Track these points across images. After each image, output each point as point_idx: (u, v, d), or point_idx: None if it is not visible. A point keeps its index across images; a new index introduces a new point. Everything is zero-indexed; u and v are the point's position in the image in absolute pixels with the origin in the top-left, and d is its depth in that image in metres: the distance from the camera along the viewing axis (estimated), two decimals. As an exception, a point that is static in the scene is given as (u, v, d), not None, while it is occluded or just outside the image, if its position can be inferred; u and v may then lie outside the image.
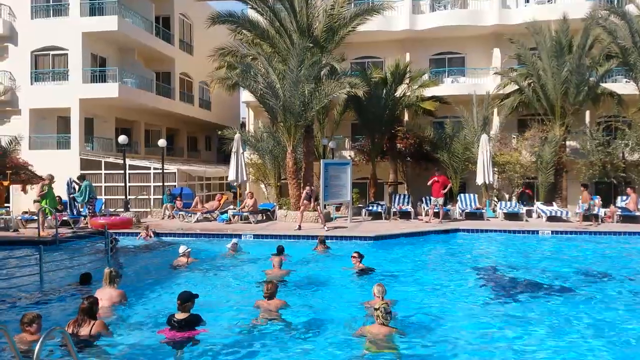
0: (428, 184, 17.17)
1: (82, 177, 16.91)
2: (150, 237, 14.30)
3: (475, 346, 6.05)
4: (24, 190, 19.49)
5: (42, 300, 8.17)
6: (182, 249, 10.52)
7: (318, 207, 16.20)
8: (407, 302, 7.73)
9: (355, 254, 9.80)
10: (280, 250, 10.73)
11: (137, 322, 6.82)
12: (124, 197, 20.08)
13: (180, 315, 5.87)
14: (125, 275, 9.80)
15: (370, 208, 18.99)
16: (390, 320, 5.66)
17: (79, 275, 8.60)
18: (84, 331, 5.67)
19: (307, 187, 16.42)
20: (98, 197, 18.94)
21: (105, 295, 6.98)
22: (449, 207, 18.79)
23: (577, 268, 10.52)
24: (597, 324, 6.86)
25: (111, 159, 22.97)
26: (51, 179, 14.94)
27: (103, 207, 18.97)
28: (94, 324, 5.75)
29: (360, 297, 7.70)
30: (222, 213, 18.14)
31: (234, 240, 12.25)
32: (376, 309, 5.64)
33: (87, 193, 16.28)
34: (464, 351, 5.90)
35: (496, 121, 22.75)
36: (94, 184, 21.52)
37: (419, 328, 6.62)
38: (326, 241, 12.37)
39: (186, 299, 5.93)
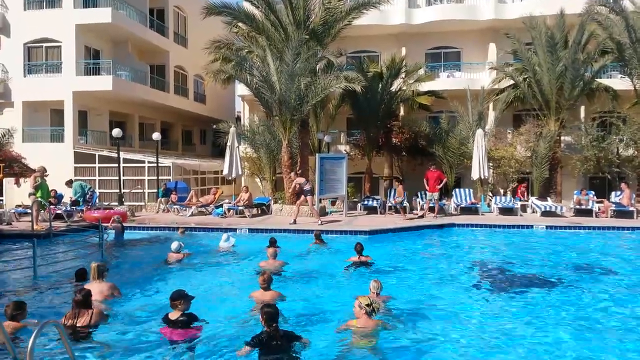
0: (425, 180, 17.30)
1: (70, 182, 17.68)
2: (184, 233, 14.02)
3: (467, 339, 6.07)
4: (17, 183, 19.36)
5: (36, 293, 8.12)
6: (174, 245, 10.43)
7: (311, 201, 16.08)
8: (402, 296, 7.73)
9: (358, 246, 9.77)
10: (272, 242, 10.71)
11: (131, 315, 6.78)
12: (118, 190, 20.02)
13: (173, 315, 5.85)
14: (120, 270, 9.77)
15: (366, 202, 19.00)
16: (375, 314, 5.71)
17: (75, 273, 8.32)
18: (83, 321, 5.71)
19: (302, 179, 16.27)
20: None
21: (95, 289, 6.89)
22: (444, 201, 18.82)
23: (570, 263, 10.57)
24: (589, 317, 6.91)
25: (105, 152, 22.82)
26: (43, 170, 14.77)
27: (97, 201, 18.83)
28: (92, 313, 5.81)
29: (356, 290, 7.67)
30: (217, 207, 18.08)
31: (228, 234, 12.23)
32: (360, 303, 5.68)
33: (82, 191, 16.91)
34: (455, 344, 5.91)
35: (491, 116, 22.80)
36: (88, 177, 21.63)
37: (412, 321, 6.62)
38: (321, 236, 12.34)
39: (175, 298, 5.88)
